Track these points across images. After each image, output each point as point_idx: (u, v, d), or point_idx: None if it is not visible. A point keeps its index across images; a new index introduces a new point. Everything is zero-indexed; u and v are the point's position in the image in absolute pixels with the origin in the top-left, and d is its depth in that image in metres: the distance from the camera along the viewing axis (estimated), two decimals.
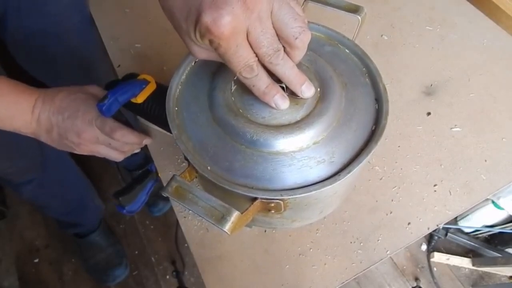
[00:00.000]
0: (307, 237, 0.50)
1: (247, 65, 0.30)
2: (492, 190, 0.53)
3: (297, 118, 0.36)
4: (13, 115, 0.46)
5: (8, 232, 1.33)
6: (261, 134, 0.35)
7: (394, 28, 0.69)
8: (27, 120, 0.46)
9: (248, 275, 0.48)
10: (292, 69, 0.32)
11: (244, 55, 0.29)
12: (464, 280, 1.23)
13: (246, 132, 0.35)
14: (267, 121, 0.36)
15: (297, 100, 0.36)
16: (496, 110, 0.59)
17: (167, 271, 1.25)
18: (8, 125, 0.46)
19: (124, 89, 0.45)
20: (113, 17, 0.72)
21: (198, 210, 0.31)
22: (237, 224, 0.30)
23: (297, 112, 0.36)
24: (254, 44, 0.29)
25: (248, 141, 0.35)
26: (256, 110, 0.36)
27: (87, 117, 0.46)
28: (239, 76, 0.32)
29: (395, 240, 0.49)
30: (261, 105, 0.36)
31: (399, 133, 0.57)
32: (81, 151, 0.50)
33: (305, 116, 0.36)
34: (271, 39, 0.29)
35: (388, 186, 0.53)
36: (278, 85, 0.34)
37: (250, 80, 0.32)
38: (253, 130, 0.35)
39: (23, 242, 1.31)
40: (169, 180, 0.32)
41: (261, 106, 0.36)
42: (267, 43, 0.29)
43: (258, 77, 0.32)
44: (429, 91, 0.62)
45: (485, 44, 0.66)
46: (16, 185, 0.88)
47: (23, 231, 1.33)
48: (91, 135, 0.47)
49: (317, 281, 0.47)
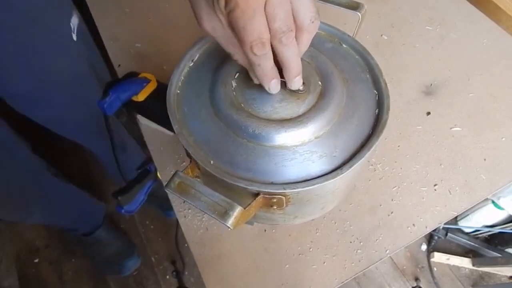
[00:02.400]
0: (307, 237, 0.50)
1: (260, 39, 0.28)
2: (492, 190, 0.53)
3: (299, 113, 0.36)
4: None
5: (8, 232, 1.33)
6: (263, 128, 0.35)
7: (394, 28, 0.69)
8: None
9: (248, 275, 0.48)
10: (297, 56, 0.32)
11: (260, 25, 0.28)
12: (464, 280, 1.23)
13: (248, 126, 0.35)
14: (269, 115, 0.36)
15: (299, 95, 0.37)
16: (496, 110, 0.59)
17: (167, 271, 1.25)
18: None
19: (125, 87, 0.45)
20: (113, 17, 0.72)
21: (201, 205, 0.31)
22: (240, 220, 0.31)
23: (298, 107, 0.36)
24: (270, 16, 0.28)
25: (250, 135, 0.35)
26: (257, 105, 0.36)
27: None
28: (247, 51, 0.30)
29: (395, 239, 0.49)
30: (263, 99, 0.36)
31: (399, 133, 0.57)
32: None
33: (307, 111, 0.36)
34: (287, 15, 0.28)
35: (388, 185, 0.53)
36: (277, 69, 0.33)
37: (258, 58, 0.30)
38: (255, 124, 0.35)
39: (23, 242, 1.31)
40: (172, 176, 0.32)
41: (263, 100, 0.36)
42: (283, 17, 0.28)
43: (266, 56, 0.30)
44: (429, 90, 0.62)
45: (485, 44, 0.66)
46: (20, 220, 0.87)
47: (23, 231, 1.33)
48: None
49: (317, 280, 0.47)
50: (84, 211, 1.11)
